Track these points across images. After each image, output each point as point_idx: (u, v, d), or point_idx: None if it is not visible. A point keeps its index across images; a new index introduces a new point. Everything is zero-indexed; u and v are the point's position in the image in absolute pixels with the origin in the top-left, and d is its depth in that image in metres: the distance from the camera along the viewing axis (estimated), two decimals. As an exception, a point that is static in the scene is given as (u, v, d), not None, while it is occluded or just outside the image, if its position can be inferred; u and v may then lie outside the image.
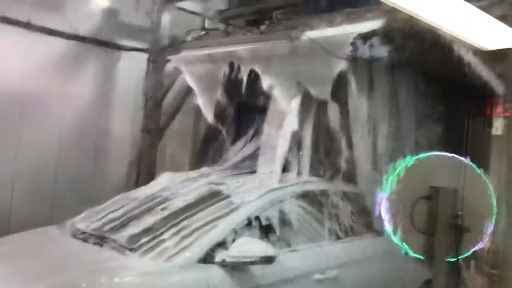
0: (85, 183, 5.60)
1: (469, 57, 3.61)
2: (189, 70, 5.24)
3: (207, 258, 3.13)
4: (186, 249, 3.15)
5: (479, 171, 3.07)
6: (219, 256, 3.12)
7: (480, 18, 3.30)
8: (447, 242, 2.93)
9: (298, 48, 4.15)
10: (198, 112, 5.93)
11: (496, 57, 3.52)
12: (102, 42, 5.73)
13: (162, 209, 3.67)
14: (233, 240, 3.24)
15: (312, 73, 4.11)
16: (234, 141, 5.39)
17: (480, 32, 3.41)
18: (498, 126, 3.59)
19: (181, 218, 3.49)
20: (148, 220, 3.53)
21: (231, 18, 5.95)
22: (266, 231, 3.53)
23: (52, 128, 5.41)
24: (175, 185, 4.16)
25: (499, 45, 3.40)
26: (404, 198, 2.93)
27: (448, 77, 4.30)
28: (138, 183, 5.42)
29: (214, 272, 3.08)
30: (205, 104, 5.11)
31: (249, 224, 3.45)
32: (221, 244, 3.21)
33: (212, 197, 3.75)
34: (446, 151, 3.15)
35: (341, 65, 3.85)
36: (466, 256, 3.02)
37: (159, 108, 5.88)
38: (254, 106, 5.16)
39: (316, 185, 4.15)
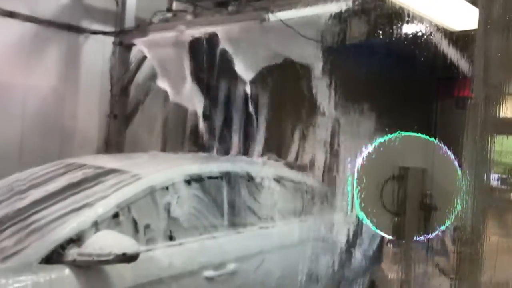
0: (50, 171, 5.44)
1: (437, 38, 3.63)
2: (156, 52, 5.12)
3: (54, 257, 2.59)
4: (28, 248, 2.60)
5: (448, 151, 3.10)
6: (72, 254, 2.60)
7: (448, -2, 3.32)
8: (416, 221, 2.95)
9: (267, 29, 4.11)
10: (166, 97, 5.84)
11: (463, 38, 3.55)
12: (66, 25, 5.53)
13: (18, 200, 3.11)
14: None
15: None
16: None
17: (448, 12, 3.42)
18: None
19: (35, 210, 2.92)
20: None
21: (199, -1, 5.83)
22: (140, 223, 2.99)
23: (14, 115, 5.22)
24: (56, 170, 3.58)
25: (467, 26, 3.42)
26: (374, 179, 2.93)
27: (416, 57, 4.32)
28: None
29: (62, 274, 2.56)
30: (171, 87, 5.00)
31: (116, 215, 2.90)
32: (75, 240, 2.67)
33: (83, 183, 3.17)
34: (415, 131, 3.16)
35: (309, 46, 3.81)
36: (435, 235, 3.05)
37: (126, 93, 5.76)
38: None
39: (218, 166, 3.68)
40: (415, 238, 2.98)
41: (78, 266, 2.61)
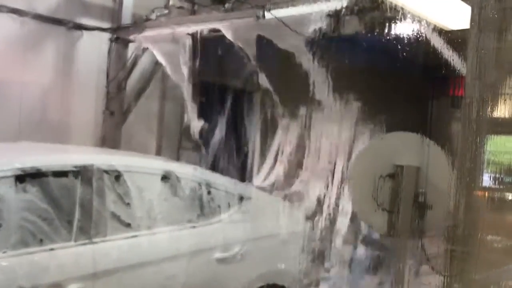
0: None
1: (432, 37, 3.64)
2: (153, 48, 5.14)
3: None
4: None
5: (442, 149, 3.11)
6: None
7: (443, -3, 3.33)
8: (409, 219, 2.97)
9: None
10: (163, 93, 5.87)
11: (458, 37, 3.56)
12: (62, 21, 5.52)
13: None
14: None
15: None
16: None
17: (443, 11, 3.43)
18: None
19: None
20: None
21: (196, -4, 5.83)
22: None
23: (11, 110, 5.21)
24: None
25: (462, 25, 3.43)
26: (368, 176, 2.95)
27: (411, 57, 4.35)
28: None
29: None
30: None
31: None
32: None
33: None
34: (410, 130, 3.18)
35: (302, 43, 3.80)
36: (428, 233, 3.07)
37: (122, 89, 5.75)
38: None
39: (71, 158, 2.92)
40: (408, 236, 3.00)
41: None
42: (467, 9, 3.26)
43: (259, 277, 3.43)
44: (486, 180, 3.34)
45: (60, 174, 2.76)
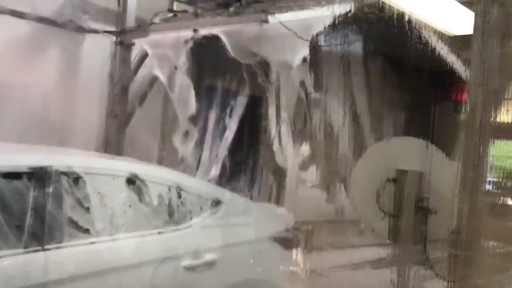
0: (49, 170, 5.43)
1: (435, 43, 3.65)
2: (156, 52, 5.16)
3: None
4: None
5: (445, 154, 3.12)
6: None
7: (446, 3, 3.34)
8: (413, 224, 2.97)
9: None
10: (166, 97, 5.88)
11: (461, 43, 3.57)
12: (66, 24, 5.54)
13: None
14: None
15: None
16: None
17: (446, 17, 3.45)
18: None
19: None
20: None
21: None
22: None
23: (14, 113, 5.22)
24: None
25: (465, 31, 3.44)
26: (371, 181, 2.96)
27: (414, 62, 4.36)
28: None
29: None
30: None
31: None
32: None
33: None
34: (413, 135, 3.19)
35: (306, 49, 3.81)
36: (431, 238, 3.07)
37: (126, 93, 5.76)
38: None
39: (25, 158, 2.69)
40: (412, 240, 3.01)
41: None
42: (470, 15, 3.28)
43: (233, 286, 3.25)
44: (489, 185, 3.35)
45: (12, 175, 2.55)
